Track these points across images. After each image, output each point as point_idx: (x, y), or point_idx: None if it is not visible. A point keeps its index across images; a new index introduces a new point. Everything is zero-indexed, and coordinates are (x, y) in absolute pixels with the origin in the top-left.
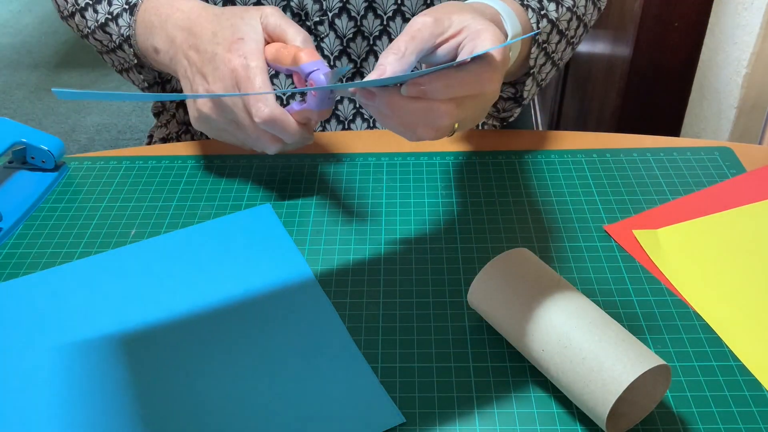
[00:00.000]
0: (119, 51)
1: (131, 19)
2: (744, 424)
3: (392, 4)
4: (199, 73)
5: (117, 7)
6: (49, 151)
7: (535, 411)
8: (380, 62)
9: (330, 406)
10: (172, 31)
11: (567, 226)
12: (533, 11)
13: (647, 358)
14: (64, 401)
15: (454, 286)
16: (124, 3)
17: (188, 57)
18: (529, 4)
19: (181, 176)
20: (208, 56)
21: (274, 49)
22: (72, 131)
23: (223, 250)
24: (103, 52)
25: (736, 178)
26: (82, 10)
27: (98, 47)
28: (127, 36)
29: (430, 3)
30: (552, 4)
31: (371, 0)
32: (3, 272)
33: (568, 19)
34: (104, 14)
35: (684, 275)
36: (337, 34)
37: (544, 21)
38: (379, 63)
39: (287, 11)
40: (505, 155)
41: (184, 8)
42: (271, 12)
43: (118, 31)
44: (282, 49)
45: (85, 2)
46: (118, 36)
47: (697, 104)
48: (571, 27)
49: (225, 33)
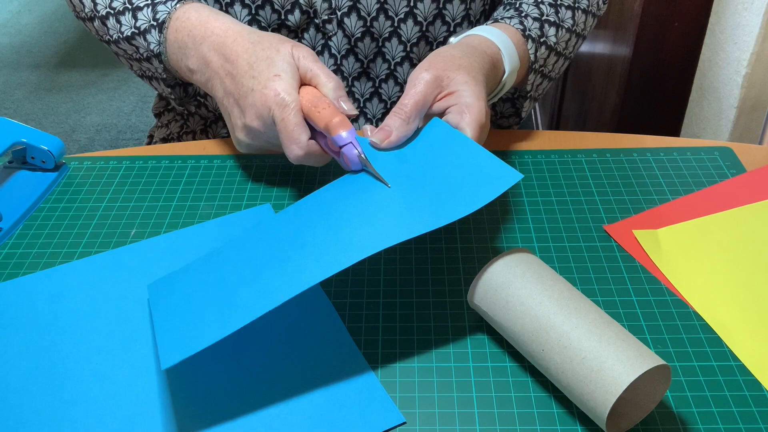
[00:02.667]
0: (145, 62)
1: (160, 36)
2: (744, 424)
3: (404, 6)
4: (237, 106)
5: (144, 22)
6: (49, 151)
7: (535, 411)
8: (387, 123)
9: (330, 406)
10: (207, 54)
11: (567, 226)
12: (533, 41)
13: (647, 358)
14: (63, 401)
15: (454, 286)
16: (151, 19)
17: (224, 84)
18: (530, 34)
19: (181, 176)
20: (244, 90)
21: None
22: (72, 131)
23: None
24: (125, 58)
25: (736, 178)
26: (103, 18)
27: (120, 53)
28: (158, 53)
29: (442, 7)
30: (552, 29)
31: (383, 1)
32: (3, 272)
33: (566, 40)
34: (129, 27)
35: (684, 275)
36: (345, 33)
37: (543, 48)
38: (385, 123)
39: (296, 8)
40: (506, 155)
41: (218, 31)
42: (305, 54)
43: (147, 47)
44: (314, 110)
45: (106, 11)
46: (146, 50)
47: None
48: (569, 45)
49: (261, 67)
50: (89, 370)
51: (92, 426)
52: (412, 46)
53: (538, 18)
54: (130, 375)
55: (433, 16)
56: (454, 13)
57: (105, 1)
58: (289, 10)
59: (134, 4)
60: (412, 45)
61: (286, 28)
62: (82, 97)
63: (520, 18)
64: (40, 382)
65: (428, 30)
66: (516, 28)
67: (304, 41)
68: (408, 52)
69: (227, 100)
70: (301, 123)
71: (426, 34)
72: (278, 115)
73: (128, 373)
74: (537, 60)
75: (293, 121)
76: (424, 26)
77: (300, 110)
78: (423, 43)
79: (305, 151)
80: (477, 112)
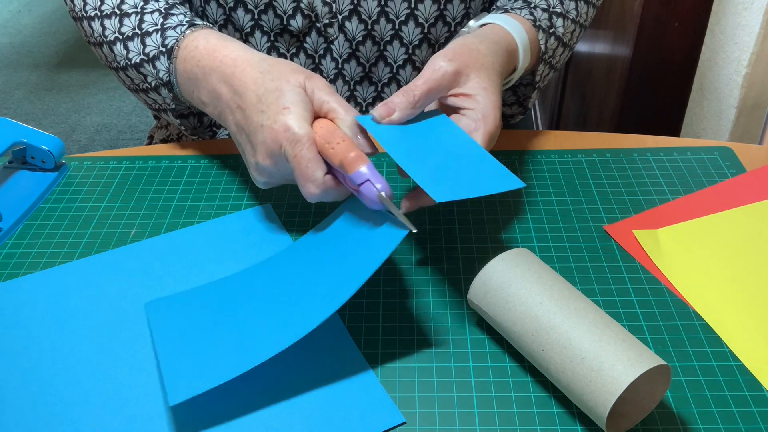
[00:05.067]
0: (152, 92)
1: (169, 63)
2: (744, 424)
3: (405, 9)
4: (249, 143)
5: (153, 48)
6: (49, 151)
7: (535, 411)
8: (393, 101)
9: (330, 406)
10: (217, 86)
11: (567, 226)
12: (543, 32)
13: (647, 358)
14: (64, 401)
15: (454, 286)
16: (160, 45)
17: (236, 118)
18: (540, 25)
19: (181, 176)
20: (254, 126)
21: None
22: (72, 131)
23: (223, 250)
24: (133, 90)
25: (736, 178)
26: (111, 44)
27: (128, 83)
28: (167, 81)
29: (443, 8)
30: (560, 20)
31: (384, 4)
32: (3, 272)
33: (572, 30)
34: (138, 54)
35: (684, 275)
36: (346, 37)
37: (552, 39)
38: (390, 100)
39: (297, 12)
40: (505, 155)
41: (227, 60)
42: (320, 86)
43: (156, 74)
44: (328, 147)
45: (114, 36)
46: (154, 78)
47: (697, 104)
48: (573, 36)
49: (269, 98)
50: (89, 370)
51: (92, 426)
52: (414, 48)
53: (546, 9)
54: (130, 375)
55: (435, 17)
56: (455, 13)
57: (113, 26)
58: (291, 14)
59: (144, 29)
60: (414, 47)
61: (289, 32)
62: (82, 97)
63: (530, 9)
64: (40, 382)
65: (430, 32)
66: (527, 19)
67: (306, 45)
68: (410, 55)
69: (240, 136)
70: (315, 158)
71: (428, 36)
72: (290, 152)
73: (128, 372)
74: (547, 51)
75: (306, 157)
76: (425, 28)
77: (314, 145)
78: (425, 45)
79: (321, 189)
80: (492, 123)
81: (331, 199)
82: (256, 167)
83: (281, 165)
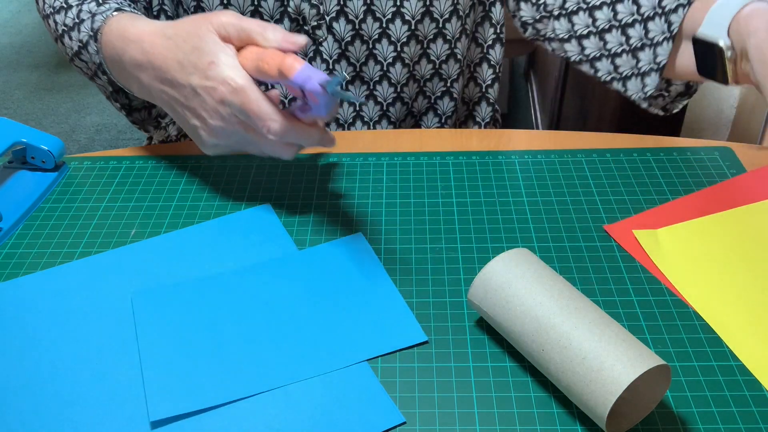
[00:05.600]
0: (97, 79)
1: (97, 46)
2: (744, 424)
3: (391, 7)
4: (188, 109)
5: (85, 34)
6: (49, 151)
7: (535, 411)
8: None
9: (330, 406)
10: (133, 72)
11: (567, 226)
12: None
13: (647, 358)
14: (63, 400)
15: (454, 286)
16: (89, 30)
17: (165, 92)
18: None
19: (181, 176)
20: (186, 91)
21: (252, 63)
22: (72, 131)
23: (223, 250)
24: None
25: (736, 178)
26: (61, 37)
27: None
28: (99, 63)
29: (429, 4)
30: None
31: (370, 3)
32: (3, 272)
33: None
34: (77, 41)
35: (684, 275)
36: (335, 37)
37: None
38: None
39: (284, 17)
40: (505, 155)
41: (133, 37)
42: (228, 19)
43: (90, 59)
44: (262, 64)
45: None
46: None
47: (697, 104)
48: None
49: (191, 60)
50: (89, 369)
51: (92, 425)
52: (403, 45)
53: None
54: (130, 375)
55: (421, 14)
56: (442, 9)
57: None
58: (278, 19)
59: (80, 18)
60: (402, 44)
61: None
62: (82, 97)
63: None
64: (40, 381)
65: (417, 28)
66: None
67: None
68: (399, 52)
69: (176, 105)
70: (263, 96)
71: (415, 32)
72: (236, 101)
73: (128, 372)
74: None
75: (254, 98)
76: (412, 24)
77: (254, 84)
78: (413, 41)
79: (280, 123)
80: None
81: (293, 139)
82: (205, 129)
83: (231, 120)
